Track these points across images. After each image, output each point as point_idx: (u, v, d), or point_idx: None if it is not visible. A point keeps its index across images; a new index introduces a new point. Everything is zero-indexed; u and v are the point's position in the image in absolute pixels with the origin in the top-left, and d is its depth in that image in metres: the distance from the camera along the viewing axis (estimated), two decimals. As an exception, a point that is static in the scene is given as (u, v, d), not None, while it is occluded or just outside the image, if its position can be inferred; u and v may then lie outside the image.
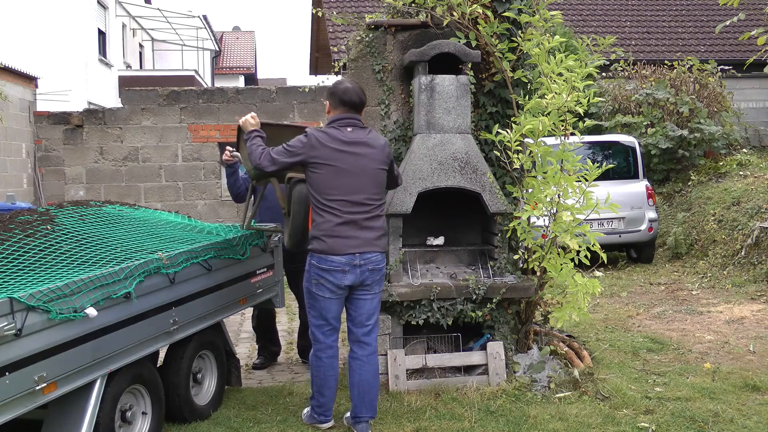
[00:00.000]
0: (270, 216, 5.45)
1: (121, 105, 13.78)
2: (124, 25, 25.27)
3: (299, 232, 4.42)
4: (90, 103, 18.74)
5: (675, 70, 13.34)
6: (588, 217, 4.97)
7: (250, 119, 4.40)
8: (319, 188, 4.07)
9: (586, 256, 4.86)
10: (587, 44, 5.17)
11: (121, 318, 3.68)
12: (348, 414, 4.38)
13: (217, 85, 31.56)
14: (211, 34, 29.58)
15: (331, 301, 4.15)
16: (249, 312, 7.84)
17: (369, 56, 5.60)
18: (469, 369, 5.13)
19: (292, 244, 4.53)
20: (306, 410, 4.54)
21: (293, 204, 4.43)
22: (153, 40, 28.84)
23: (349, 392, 4.35)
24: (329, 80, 16.09)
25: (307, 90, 12.56)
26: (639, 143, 10.87)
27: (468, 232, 5.69)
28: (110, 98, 21.17)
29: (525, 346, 5.29)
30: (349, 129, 4.15)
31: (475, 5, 5.18)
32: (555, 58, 4.87)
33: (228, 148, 5.33)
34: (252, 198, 5.22)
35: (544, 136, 4.93)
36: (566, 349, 5.48)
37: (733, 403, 4.73)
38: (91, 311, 3.39)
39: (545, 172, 4.95)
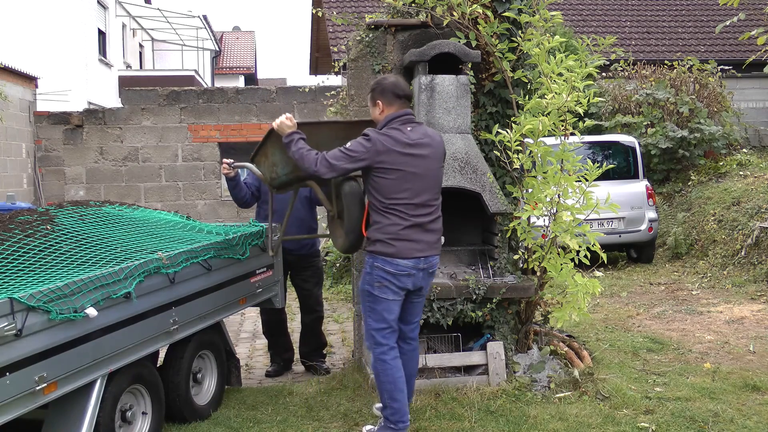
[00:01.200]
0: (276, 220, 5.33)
1: (121, 105, 13.79)
2: (124, 25, 25.27)
3: (356, 232, 4.16)
4: (90, 103, 18.75)
5: (675, 70, 13.35)
6: (588, 217, 4.97)
7: (286, 121, 4.07)
8: (385, 192, 3.90)
9: (586, 256, 4.86)
10: (587, 44, 5.17)
11: (121, 318, 3.68)
12: (379, 404, 4.26)
13: (217, 85, 31.57)
14: (211, 34, 29.59)
15: (395, 302, 4.04)
16: (249, 312, 7.86)
17: (369, 56, 5.60)
18: (469, 369, 5.13)
19: (347, 246, 4.29)
20: (371, 428, 4.25)
21: (347, 204, 4.17)
22: (153, 40, 28.84)
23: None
24: (329, 80, 16.11)
25: (307, 90, 12.58)
26: (639, 143, 10.87)
27: (468, 232, 5.69)
28: (110, 98, 21.17)
29: (525, 346, 5.29)
30: (409, 128, 3.97)
31: (475, 5, 5.18)
32: (555, 58, 4.87)
33: (225, 161, 5.20)
34: (274, 216, 5.03)
35: (544, 136, 4.93)
36: (566, 349, 5.48)
37: (733, 403, 4.73)
38: (91, 311, 3.39)
39: (545, 172, 4.95)
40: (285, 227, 5.01)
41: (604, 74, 13.14)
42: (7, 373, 3.00)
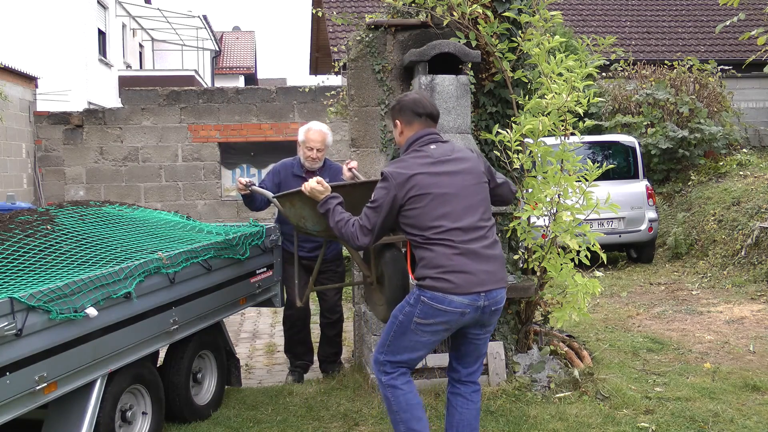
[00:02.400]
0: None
1: (121, 105, 13.79)
2: (124, 25, 25.27)
3: (399, 296, 3.68)
4: (90, 103, 18.75)
5: (675, 70, 13.35)
6: (588, 217, 4.97)
7: (317, 187, 3.62)
8: (422, 223, 3.35)
9: (586, 256, 4.86)
10: (587, 44, 5.17)
11: (121, 318, 3.68)
12: None
13: (217, 85, 31.57)
14: (211, 34, 29.58)
15: (430, 343, 3.44)
16: (249, 312, 7.86)
17: (369, 56, 5.60)
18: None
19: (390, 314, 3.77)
20: None
21: (388, 273, 3.80)
22: (153, 40, 28.84)
23: None
24: (329, 80, 16.12)
25: (307, 90, 12.58)
26: (639, 143, 10.88)
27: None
28: (110, 98, 21.17)
29: (525, 346, 5.29)
30: (432, 146, 3.46)
31: (475, 5, 5.18)
32: (555, 58, 4.87)
33: (242, 180, 4.91)
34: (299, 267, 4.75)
35: (544, 136, 4.93)
36: (566, 349, 5.48)
37: (733, 403, 4.73)
38: (92, 311, 3.39)
39: (545, 172, 4.95)
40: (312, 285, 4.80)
41: (604, 74, 13.15)
42: (7, 373, 3.00)
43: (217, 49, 33.15)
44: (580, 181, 4.89)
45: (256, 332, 7.27)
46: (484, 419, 4.45)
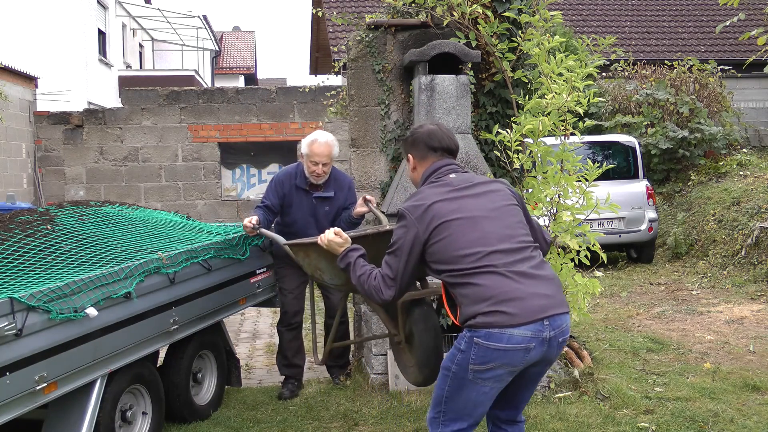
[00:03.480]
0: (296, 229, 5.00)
1: (121, 105, 13.79)
2: (124, 25, 25.26)
3: (431, 366, 3.29)
4: (90, 103, 18.75)
5: (675, 70, 13.35)
6: (588, 217, 4.97)
7: (335, 238, 3.19)
8: (452, 254, 2.83)
9: (586, 256, 4.86)
10: (587, 44, 5.17)
11: (121, 318, 3.68)
12: None
13: (217, 85, 31.57)
14: (211, 34, 29.58)
15: (492, 392, 2.85)
16: (249, 312, 7.86)
17: (369, 56, 5.60)
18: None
19: (421, 381, 3.44)
20: None
21: (418, 332, 3.41)
22: (153, 40, 28.84)
23: None
24: (329, 80, 16.11)
25: (307, 90, 12.57)
26: (639, 143, 10.88)
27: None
28: (110, 98, 21.16)
29: (525, 346, 5.28)
30: (452, 175, 3.04)
31: (475, 5, 5.18)
32: (555, 58, 4.87)
33: (249, 222, 4.60)
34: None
35: (544, 136, 4.93)
36: (566, 349, 5.48)
37: (733, 403, 4.73)
38: (92, 311, 3.39)
39: (545, 172, 4.95)
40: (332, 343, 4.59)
41: (604, 74, 13.14)
42: (7, 373, 3.00)
43: (217, 49, 33.15)
44: (580, 181, 4.89)
45: (256, 332, 7.27)
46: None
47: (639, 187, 10.39)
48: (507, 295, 2.74)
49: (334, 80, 18.58)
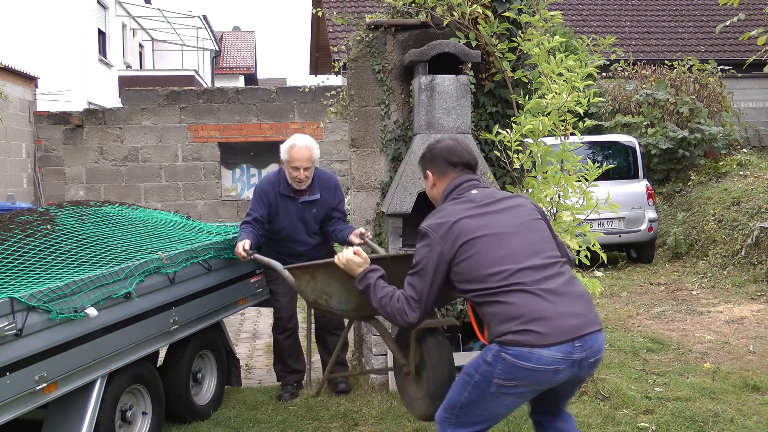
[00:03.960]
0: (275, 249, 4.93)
1: (121, 105, 13.80)
2: (124, 25, 25.27)
3: (445, 391, 3.01)
4: (90, 103, 18.75)
5: (675, 70, 13.35)
6: (588, 217, 4.97)
7: (354, 257, 3.06)
8: (480, 273, 2.74)
9: (586, 256, 4.86)
10: (587, 44, 5.17)
11: (121, 318, 3.68)
12: None
13: (217, 85, 31.57)
14: (211, 34, 29.59)
15: (513, 406, 2.81)
16: (249, 312, 7.85)
17: (369, 56, 5.60)
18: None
19: (431, 414, 3.16)
20: None
21: (431, 362, 3.24)
22: (153, 40, 28.85)
23: None
24: (329, 80, 16.12)
25: (307, 90, 12.58)
26: (639, 143, 10.88)
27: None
28: (110, 98, 21.17)
29: (525, 346, 5.28)
30: (473, 191, 2.94)
31: (475, 5, 5.18)
32: (555, 58, 4.87)
33: (242, 250, 4.42)
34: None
35: (544, 136, 4.93)
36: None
37: (733, 403, 4.73)
38: (92, 311, 3.40)
39: (545, 172, 4.95)
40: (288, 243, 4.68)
41: (604, 74, 13.15)
42: (7, 373, 3.00)
43: (217, 49, 33.16)
44: (580, 181, 4.89)
45: (256, 332, 7.27)
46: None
47: (639, 187, 10.39)
48: (537, 314, 2.64)
49: (334, 80, 18.59)
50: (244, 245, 4.44)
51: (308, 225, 4.89)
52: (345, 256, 3.08)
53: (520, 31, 5.33)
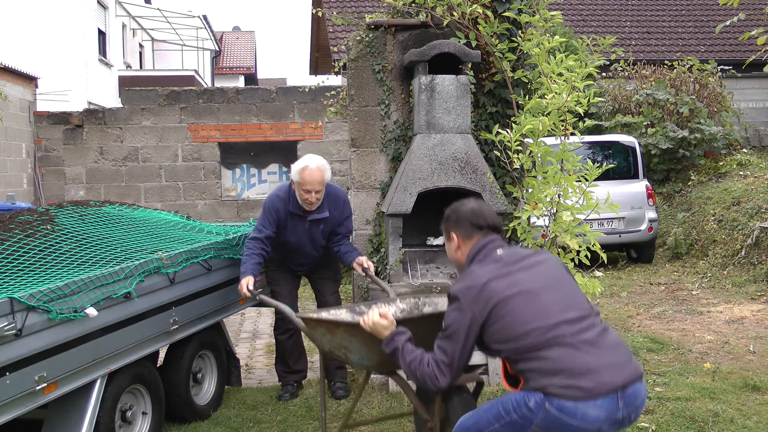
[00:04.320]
0: (283, 253, 4.94)
1: (121, 105, 13.79)
2: (124, 25, 25.27)
3: None
4: (90, 103, 18.75)
5: (675, 70, 13.35)
6: (588, 217, 4.97)
7: (381, 320, 3.04)
8: (517, 331, 2.70)
9: (586, 256, 4.86)
10: (587, 44, 5.17)
11: (121, 318, 3.68)
12: None
13: (217, 85, 31.57)
14: (211, 34, 29.58)
15: None
16: (249, 312, 7.85)
17: (369, 56, 5.60)
18: (469, 369, 5.12)
19: None
20: None
21: (456, 418, 3.14)
22: (153, 40, 28.84)
23: None
24: (329, 80, 16.12)
25: (307, 90, 12.57)
26: (639, 143, 10.88)
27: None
28: (110, 98, 21.17)
29: (525, 346, 5.28)
30: (499, 251, 2.93)
31: (475, 5, 5.18)
32: (555, 58, 4.87)
33: (246, 289, 4.41)
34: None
35: (544, 136, 4.93)
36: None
37: (733, 403, 4.73)
38: (92, 311, 3.40)
39: (545, 172, 4.95)
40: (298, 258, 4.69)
41: (604, 74, 13.15)
42: (7, 373, 3.00)
43: (217, 49, 33.15)
44: (580, 181, 4.88)
45: (256, 332, 7.27)
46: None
47: (639, 187, 10.39)
48: (580, 368, 2.60)
49: (334, 80, 18.58)
50: (248, 284, 4.41)
51: (315, 240, 4.86)
52: (371, 319, 3.05)
53: (520, 31, 5.34)
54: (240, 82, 35.75)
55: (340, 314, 3.78)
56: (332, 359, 3.77)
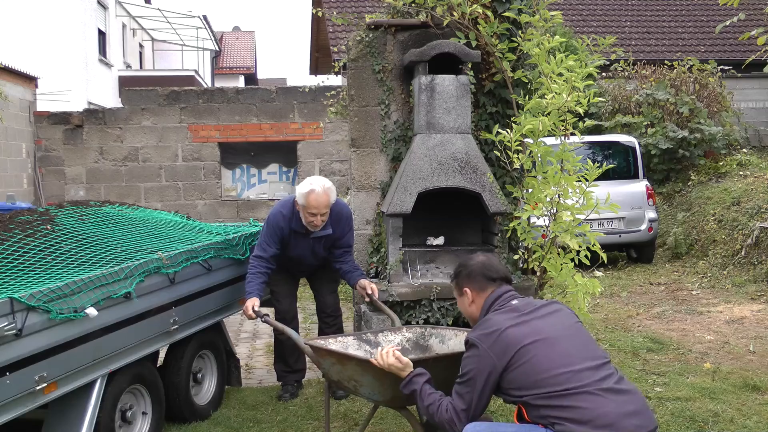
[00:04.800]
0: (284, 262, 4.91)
1: (121, 105, 13.79)
2: (124, 25, 25.26)
3: None
4: (90, 103, 18.74)
5: (675, 70, 13.35)
6: (588, 217, 4.97)
7: (395, 362, 3.04)
8: (538, 376, 2.70)
9: (586, 256, 4.86)
10: (587, 44, 5.17)
11: (121, 318, 3.68)
12: None
13: (217, 85, 31.57)
14: (211, 34, 29.58)
15: None
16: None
17: (369, 56, 5.60)
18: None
19: None
20: None
21: None
22: (153, 40, 28.84)
23: None
24: (329, 80, 16.12)
25: (307, 90, 12.57)
26: (639, 143, 10.88)
27: (468, 232, 5.69)
28: (110, 98, 21.16)
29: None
30: (514, 302, 2.96)
31: (475, 5, 5.18)
32: (555, 58, 4.86)
33: (250, 312, 4.40)
34: None
35: (544, 136, 4.93)
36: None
37: (733, 403, 4.73)
38: (92, 311, 3.40)
39: (545, 172, 4.95)
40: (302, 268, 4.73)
41: (604, 74, 13.15)
42: (7, 373, 3.00)
43: (217, 49, 33.15)
44: (580, 181, 4.88)
45: (256, 332, 7.27)
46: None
47: (639, 187, 10.39)
48: (606, 418, 2.62)
49: (334, 80, 18.58)
50: (254, 305, 4.41)
51: (316, 253, 4.89)
52: (386, 360, 3.05)
53: (520, 31, 5.34)
54: (240, 82, 35.74)
55: (348, 342, 3.75)
56: (339, 389, 3.69)
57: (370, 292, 4.60)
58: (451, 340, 3.72)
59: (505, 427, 2.87)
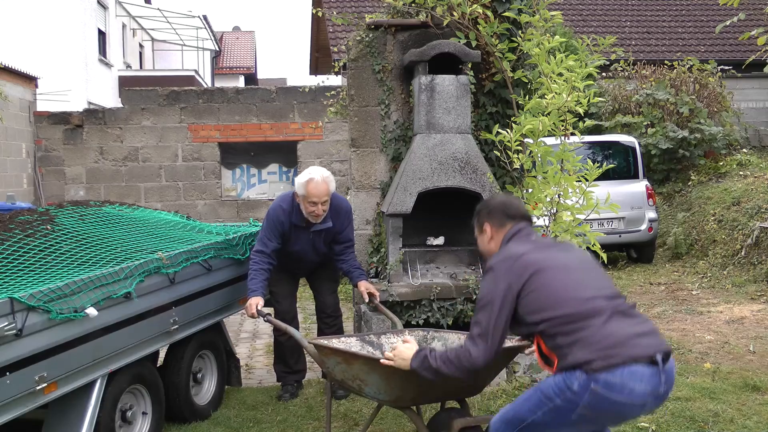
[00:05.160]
0: (285, 261, 4.90)
1: (121, 105, 13.79)
2: (124, 25, 25.26)
3: None
4: (90, 103, 18.74)
5: (675, 70, 13.35)
6: (588, 217, 4.98)
7: (404, 350, 3.02)
8: (555, 298, 2.71)
9: (586, 256, 4.86)
10: (587, 44, 5.17)
11: (121, 318, 3.68)
12: None
13: (217, 85, 31.57)
14: (211, 34, 29.58)
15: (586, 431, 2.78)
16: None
17: (369, 56, 5.60)
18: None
19: None
20: None
21: None
22: (153, 40, 28.84)
23: None
24: (329, 80, 16.12)
25: (307, 90, 12.57)
26: (639, 143, 10.88)
27: (468, 232, 5.67)
28: (110, 98, 21.16)
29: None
30: (533, 237, 2.99)
31: (475, 5, 5.19)
32: (555, 58, 4.87)
33: (253, 311, 4.43)
34: None
35: (544, 136, 4.93)
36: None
37: (733, 403, 4.73)
38: (92, 311, 3.40)
39: (545, 172, 4.95)
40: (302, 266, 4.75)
41: (604, 74, 13.14)
42: (7, 373, 3.00)
43: (217, 49, 33.15)
44: (580, 181, 4.89)
45: (256, 332, 7.27)
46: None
47: (639, 187, 10.39)
48: (619, 336, 2.60)
49: (334, 80, 18.58)
50: (258, 305, 4.43)
51: (317, 248, 4.88)
52: (400, 354, 3.02)
53: (520, 31, 5.34)
54: (240, 82, 35.74)
55: (351, 343, 3.76)
56: (342, 389, 3.69)
57: (374, 295, 4.62)
58: (453, 344, 3.73)
59: (526, 399, 2.80)
